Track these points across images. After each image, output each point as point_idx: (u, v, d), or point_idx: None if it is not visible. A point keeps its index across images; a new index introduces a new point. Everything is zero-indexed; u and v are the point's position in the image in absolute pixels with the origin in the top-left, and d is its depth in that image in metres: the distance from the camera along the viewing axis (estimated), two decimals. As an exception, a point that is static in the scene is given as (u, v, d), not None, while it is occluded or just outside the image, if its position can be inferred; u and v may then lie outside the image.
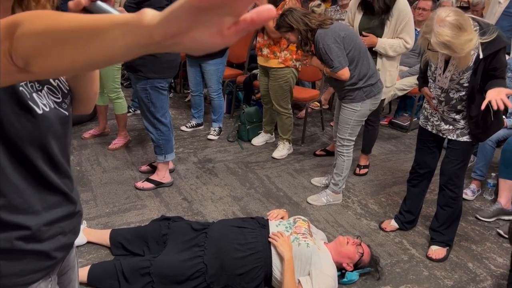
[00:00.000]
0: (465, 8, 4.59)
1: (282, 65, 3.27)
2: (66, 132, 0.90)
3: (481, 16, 4.75)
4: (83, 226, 2.37)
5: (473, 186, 3.03)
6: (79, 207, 0.98)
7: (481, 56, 1.96)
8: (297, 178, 3.20)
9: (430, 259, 2.37)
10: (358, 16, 2.95)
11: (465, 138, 2.20)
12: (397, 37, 2.89)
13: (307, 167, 3.39)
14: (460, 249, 2.47)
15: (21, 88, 0.79)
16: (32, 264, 0.87)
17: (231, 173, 3.20)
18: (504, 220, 2.73)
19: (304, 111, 3.93)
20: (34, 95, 0.82)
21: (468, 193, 2.99)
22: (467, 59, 1.99)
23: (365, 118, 2.76)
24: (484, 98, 2.07)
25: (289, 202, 2.87)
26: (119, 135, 3.49)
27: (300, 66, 3.32)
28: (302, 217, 2.27)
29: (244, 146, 3.66)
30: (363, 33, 2.87)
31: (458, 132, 2.21)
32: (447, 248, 2.41)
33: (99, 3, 0.76)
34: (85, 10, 0.77)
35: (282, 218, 2.25)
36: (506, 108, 3.01)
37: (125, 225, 2.48)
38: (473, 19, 1.96)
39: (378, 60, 2.93)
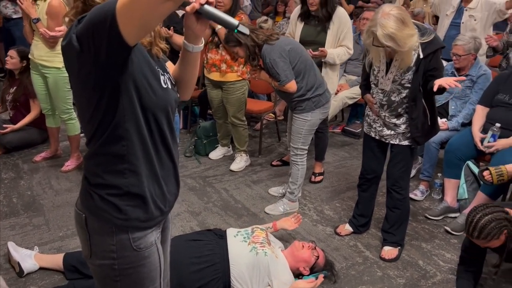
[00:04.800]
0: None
1: (239, 78, 3.33)
2: (174, 112, 1.19)
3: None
4: (35, 252, 2.30)
5: (422, 187, 3.18)
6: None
7: (421, 56, 2.11)
8: (254, 189, 3.25)
9: (383, 259, 2.46)
10: (300, 27, 3.08)
11: (406, 142, 2.32)
12: (340, 45, 3.03)
13: (264, 177, 3.44)
14: (411, 248, 2.58)
15: (156, 68, 1.12)
16: (152, 214, 1.16)
17: (189, 189, 3.20)
18: (450, 217, 2.88)
19: (259, 123, 4.00)
20: (162, 76, 1.13)
21: (417, 194, 3.14)
22: (408, 58, 2.11)
23: (316, 127, 2.86)
24: (423, 102, 2.22)
25: (247, 213, 2.91)
26: (72, 157, 3.41)
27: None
28: (260, 227, 2.31)
29: (202, 161, 3.67)
30: (320, 48, 2.98)
31: (400, 137, 2.33)
32: (399, 247, 2.51)
33: (206, 6, 1.02)
34: (197, 12, 1.03)
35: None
36: (447, 112, 3.19)
37: (79, 248, 2.42)
38: (413, 22, 2.11)
39: (323, 69, 3.06)
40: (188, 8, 1.02)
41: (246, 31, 1.05)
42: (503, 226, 1.81)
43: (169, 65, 1.30)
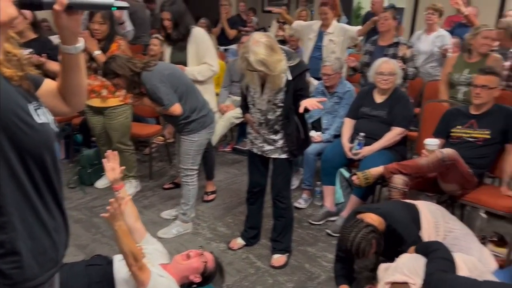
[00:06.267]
0: (283, 42, 5.23)
1: (122, 102, 3.28)
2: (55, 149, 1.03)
3: (297, 46, 5.49)
4: None
5: (305, 195, 3.45)
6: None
7: (290, 78, 2.32)
8: (146, 215, 3.20)
9: (274, 267, 2.61)
10: (168, 50, 3.21)
11: (285, 156, 2.52)
12: (202, 63, 3.19)
13: (156, 202, 3.41)
14: (298, 253, 2.78)
15: (26, 101, 0.96)
16: (43, 268, 1.01)
17: (74, 221, 3.03)
18: (331, 221, 3.16)
19: (149, 147, 3.96)
20: (36, 110, 0.98)
21: (301, 202, 3.39)
22: (279, 80, 2.31)
23: (204, 147, 2.94)
24: (296, 118, 2.45)
25: (139, 239, 2.85)
26: None
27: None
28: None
29: (88, 191, 3.50)
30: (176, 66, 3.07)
31: (279, 151, 2.52)
32: (287, 254, 2.69)
33: None
34: (68, 7, 0.96)
35: None
36: (320, 125, 3.51)
37: None
38: (280, 48, 2.32)
39: None
40: (56, 6, 0.97)
41: (123, 4, 1.05)
42: (371, 238, 2.07)
43: (48, 83, 1.23)
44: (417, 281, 1.83)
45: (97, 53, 3.07)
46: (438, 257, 1.87)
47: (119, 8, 1.04)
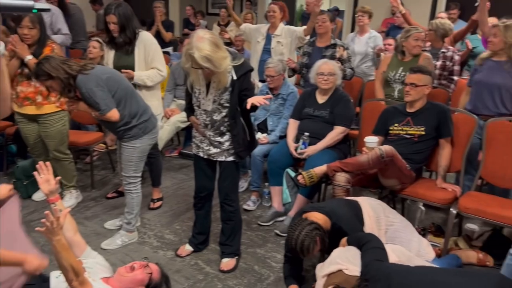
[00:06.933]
0: (229, 44, 5.23)
1: (58, 109, 3.12)
2: None
3: (242, 48, 5.51)
4: None
5: (253, 197, 3.45)
6: None
7: (234, 77, 2.31)
8: (89, 226, 3.06)
9: (223, 271, 2.58)
10: (111, 54, 3.09)
11: (231, 158, 2.51)
12: (151, 67, 3.12)
13: (99, 212, 3.27)
14: (248, 255, 2.77)
15: None
16: None
17: (9, 237, 2.83)
18: (279, 221, 3.18)
19: (90, 156, 3.80)
20: None
21: (250, 204, 3.39)
22: (224, 79, 2.29)
23: (147, 153, 2.86)
24: (242, 120, 2.44)
25: (82, 253, 2.71)
26: None
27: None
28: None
29: (24, 204, 3.29)
30: (124, 70, 2.97)
31: (225, 153, 2.50)
32: (236, 257, 2.67)
33: None
34: None
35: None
36: (266, 127, 3.52)
37: None
38: (225, 48, 2.31)
39: (138, 92, 3.09)
40: None
41: (45, 6, 1.01)
42: (315, 235, 2.11)
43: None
44: (349, 267, 1.90)
45: (28, 58, 2.90)
46: (372, 247, 1.94)
47: (39, 10, 1.01)
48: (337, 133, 3.13)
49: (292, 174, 3.10)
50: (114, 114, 2.56)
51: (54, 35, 3.81)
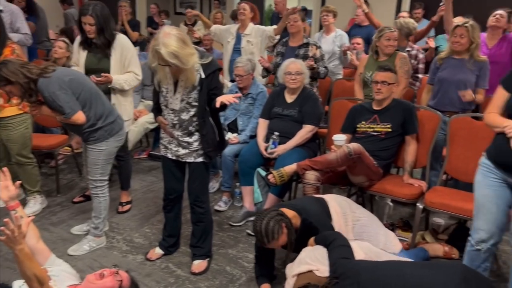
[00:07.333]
0: (198, 43, 5.18)
1: (21, 111, 3.00)
2: None
3: (211, 47, 5.48)
4: None
5: (225, 197, 3.43)
6: None
7: (203, 76, 2.29)
8: (55, 232, 2.96)
9: (194, 273, 2.55)
10: (83, 55, 2.99)
11: (201, 159, 2.48)
12: (127, 71, 3.05)
13: (65, 217, 3.18)
14: (219, 256, 2.75)
15: None
16: None
17: (-32, 247, 2.71)
18: (251, 220, 3.17)
19: (55, 159, 3.68)
20: None
21: (221, 205, 3.37)
22: (192, 76, 2.26)
23: (114, 156, 2.79)
24: (211, 119, 2.42)
25: (47, 260, 2.62)
26: None
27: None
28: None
29: (-15, 211, 3.16)
30: (103, 74, 2.89)
31: (194, 154, 2.47)
32: (208, 259, 2.65)
33: None
34: None
35: None
36: (236, 127, 3.51)
37: None
38: (194, 47, 2.28)
39: (112, 96, 3.03)
40: None
41: None
42: (280, 220, 2.12)
43: None
44: (320, 267, 1.92)
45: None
46: (338, 245, 1.97)
47: None
48: (306, 131, 3.15)
49: (263, 173, 3.10)
50: (79, 117, 2.48)
51: (12, 34, 3.66)
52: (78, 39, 3.04)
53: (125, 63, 3.00)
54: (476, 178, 2.11)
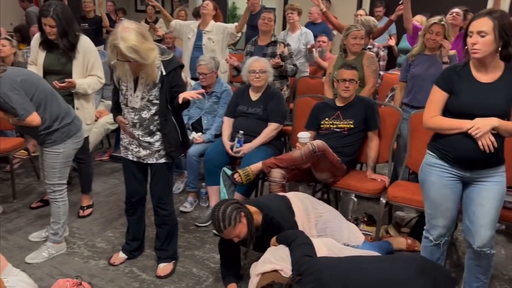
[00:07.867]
0: (159, 41, 5.08)
1: None
2: None
3: (173, 45, 5.38)
4: None
5: (190, 198, 3.38)
6: None
7: (164, 73, 2.23)
8: (11, 240, 2.82)
9: (160, 277, 2.50)
10: (42, 55, 2.86)
11: (163, 160, 2.42)
12: (90, 74, 2.94)
13: (23, 224, 3.04)
14: (185, 258, 2.70)
15: None
16: None
17: None
18: (217, 220, 3.14)
19: (10, 164, 3.51)
20: None
21: (187, 206, 3.32)
22: (153, 72, 2.21)
23: (72, 158, 2.68)
24: (173, 118, 2.36)
25: (2, 270, 2.49)
26: None
27: None
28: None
29: None
30: (67, 80, 2.77)
31: (156, 155, 2.41)
32: (173, 261, 2.59)
33: None
34: None
35: None
36: (201, 126, 3.46)
37: None
38: (155, 43, 2.23)
39: (76, 101, 2.92)
40: None
41: None
42: (239, 209, 2.14)
43: None
44: (284, 266, 1.92)
45: None
46: (299, 244, 1.98)
47: None
48: (271, 129, 3.15)
49: (229, 172, 3.07)
50: (34, 119, 2.37)
51: None
52: (36, 37, 2.90)
53: (88, 66, 2.90)
54: (428, 178, 2.09)
